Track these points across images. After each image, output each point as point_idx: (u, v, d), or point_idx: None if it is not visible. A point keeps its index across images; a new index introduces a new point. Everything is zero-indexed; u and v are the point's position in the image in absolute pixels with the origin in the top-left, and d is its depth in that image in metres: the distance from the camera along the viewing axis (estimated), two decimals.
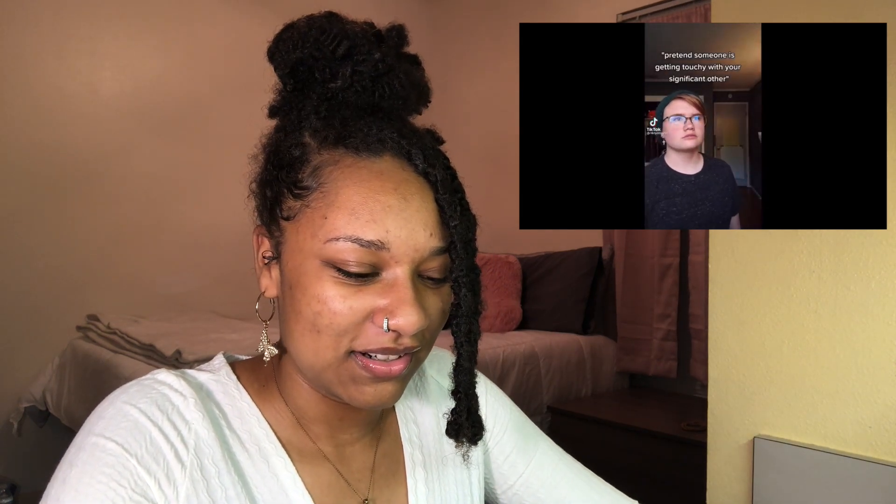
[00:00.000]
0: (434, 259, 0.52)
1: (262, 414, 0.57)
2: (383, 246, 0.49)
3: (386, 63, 0.54)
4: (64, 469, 0.49)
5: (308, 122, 0.53)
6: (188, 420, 0.52)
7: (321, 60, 0.54)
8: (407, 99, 0.57)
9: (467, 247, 0.52)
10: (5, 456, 2.54)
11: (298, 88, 0.56)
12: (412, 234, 0.50)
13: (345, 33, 0.54)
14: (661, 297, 2.74)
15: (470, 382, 0.56)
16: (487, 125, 3.59)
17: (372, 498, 0.60)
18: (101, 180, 2.76)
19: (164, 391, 0.53)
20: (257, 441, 0.55)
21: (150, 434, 0.50)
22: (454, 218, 0.52)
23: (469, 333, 0.54)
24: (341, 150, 0.52)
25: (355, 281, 0.50)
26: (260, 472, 0.54)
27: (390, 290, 0.50)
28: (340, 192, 0.50)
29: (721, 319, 1.31)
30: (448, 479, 0.65)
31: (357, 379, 0.52)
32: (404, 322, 0.49)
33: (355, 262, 0.49)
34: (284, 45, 0.55)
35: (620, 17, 3.03)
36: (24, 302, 2.57)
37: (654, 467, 2.18)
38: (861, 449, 1.14)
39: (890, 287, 1.11)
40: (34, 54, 2.59)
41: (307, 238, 0.51)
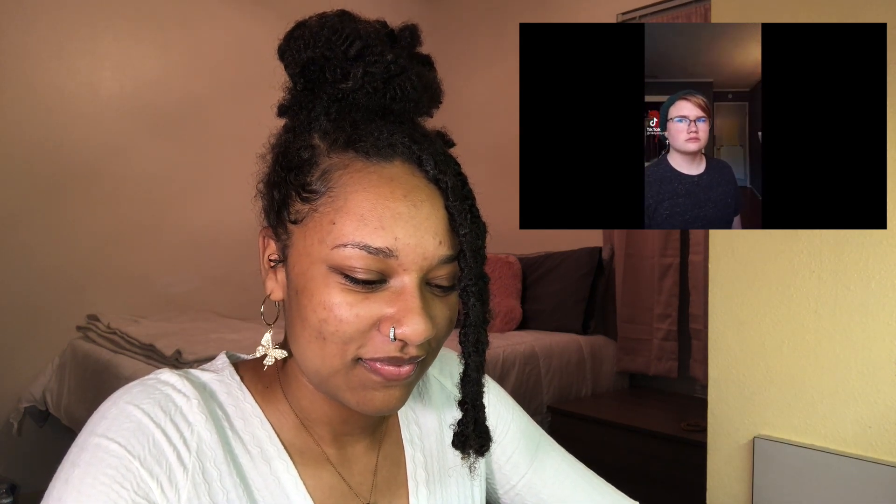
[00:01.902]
0: (443, 267, 0.51)
1: (265, 415, 0.56)
2: (392, 253, 0.48)
3: (398, 64, 0.53)
4: (66, 469, 0.48)
5: (318, 123, 0.53)
6: (191, 422, 0.52)
7: (332, 60, 0.53)
8: (419, 101, 0.56)
9: (476, 255, 0.52)
10: (5, 456, 2.54)
11: (309, 88, 0.55)
12: (421, 241, 0.49)
13: (357, 33, 0.53)
14: (661, 297, 2.74)
15: (478, 393, 0.55)
16: (487, 125, 3.59)
17: (374, 502, 0.60)
18: (101, 180, 2.76)
19: (168, 392, 0.52)
20: (260, 443, 0.55)
21: (153, 436, 0.49)
22: (464, 226, 0.51)
23: (477, 343, 0.53)
24: (351, 154, 0.51)
25: (362, 288, 0.49)
26: (262, 474, 0.54)
27: (398, 298, 0.49)
28: (349, 197, 0.49)
29: (721, 319, 1.31)
30: (450, 481, 0.65)
31: (366, 384, 0.52)
32: (411, 331, 0.49)
33: (363, 269, 0.48)
34: (296, 44, 0.54)
35: (620, 17, 3.03)
36: (24, 302, 2.57)
37: (654, 467, 2.18)
38: (861, 449, 1.14)
39: (890, 287, 1.11)
40: (34, 54, 2.59)
41: (314, 243, 0.50)
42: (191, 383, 0.54)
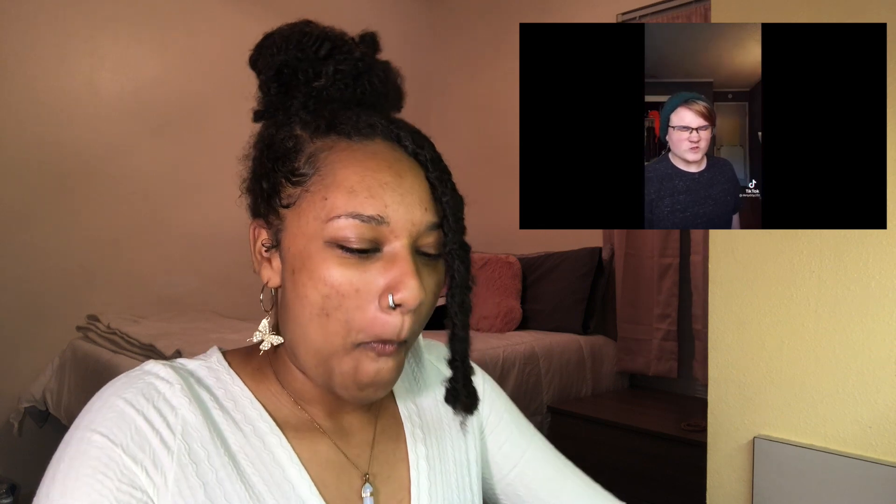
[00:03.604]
0: (429, 234, 0.54)
1: (255, 396, 0.58)
2: (383, 220, 0.51)
3: (365, 62, 0.57)
4: (53, 465, 0.50)
5: (297, 116, 0.56)
6: (174, 406, 0.53)
7: (304, 61, 0.56)
8: (387, 95, 0.60)
9: (458, 222, 0.55)
10: (5, 456, 2.54)
11: (283, 91, 0.58)
12: (409, 208, 0.52)
13: (325, 35, 0.57)
14: (661, 297, 2.74)
15: (465, 351, 0.58)
16: (487, 125, 3.59)
17: (373, 473, 0.60)
18: (101, 180, 2.75)
19: (150, 380, 0.53)
20: (251, 421, 0.56)
21: (134, 423, 0.50)
22: (445, 193, 0.54)
23: (462, 304, 0.56)
24: (334, 137, 0.54)
25: (358, 258, 0.52)
26: (255, 449, 0.55)
27: (392, 264, 0.52)
28: (338, 173, 0.52)
29: (721, 319, 1.31)
30: (447, 457, 0.66)
31: (360, 361, 0.53)
32: (408, 295, 0.51)
33: (356, 238, 0.51)
34: (268, 50, 0.58)
35: (620, 17, 3.03)
36: (25, 302, 2.57)
37: (654, 467, 2.18)
38: (861, 449, 1.14)
39: (890, 287, 1.11)
40: (34, 54, 2.59)
41: (309, 220, 0.52)
42: (175, 371, 0.55)
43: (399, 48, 3.89)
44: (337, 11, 3.80)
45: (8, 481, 2.10)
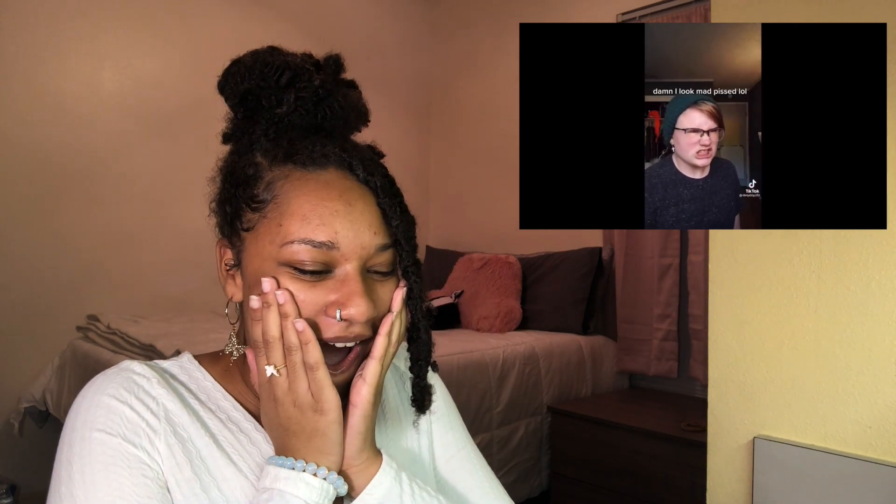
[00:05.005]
0: (380, 255, 0.58)
1: (226, 391, 0.63)
2: (333, 245, 0.56)
3: (325, 88, 0.61)
4: (63, 468, 0.54)
5: (259, 144, 0.60)
6: (154, 396, 0.58)
7: (266, 90, 0.60)
8: (347, 119, 0.63)
9: (409, 241, 0.60)
10: (5, 456, 2.54)
11: (248, 116, 0.62)
12: (358, 234, 0.57)
13: (287, 64, 0.60)
14: (661, 297, 2.74)
15: (428, 352, 0.63)
16: (487, 125, 3.59)
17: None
18: (101, 180, 2.75)
19: (128, 375, 0.59)
20: (226, 411, 0.62)
21: (123, 413, 0.55)
22: (395, 218, 0.59)
23: (426, 312, 0.62)
24: (290, 166, 0.58)
25: (311, 278, 0.56)
26: (233, 432, 0.60)
27: (342, 285, 0.56)
28: (292, 201, 0.57)
29: (721, 319, 1.31)
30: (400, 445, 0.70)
31: None
32: (355, 311, 0.55)
33: (310, 262, 0.55)
34: (233, 79, 0.62)
35: (620, 17, 3.03)
36: (24, 302, 2.57)
37: (654, 467, 2.17)
38: (861, 449, 1.14)
39: (890, 287, 1.11)
40: (34, 54, 2.59)
41: (266, 244, 0.57)
42: (150, 367, 0.61)
43: (399, 48, 3.90)
44: (337, 11, 3.80)
45: (8, 481, 2.10)
